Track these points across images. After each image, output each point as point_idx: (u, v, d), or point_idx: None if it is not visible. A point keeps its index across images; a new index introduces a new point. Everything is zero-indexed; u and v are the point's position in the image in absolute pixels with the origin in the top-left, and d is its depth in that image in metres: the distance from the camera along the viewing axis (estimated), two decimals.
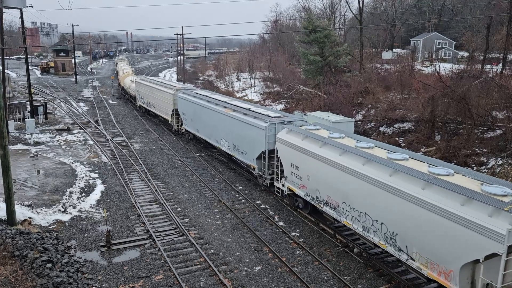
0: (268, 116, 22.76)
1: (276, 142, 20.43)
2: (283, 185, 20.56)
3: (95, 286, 14.05)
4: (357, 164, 15.22)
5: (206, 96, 30.43)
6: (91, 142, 34.05)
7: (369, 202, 14.71)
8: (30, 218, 18.22)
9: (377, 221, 14.52)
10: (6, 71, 37.84)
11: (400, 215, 13.33)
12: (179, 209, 20.82)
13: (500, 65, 41.85)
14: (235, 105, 26.36)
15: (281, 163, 20.36)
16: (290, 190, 19.95)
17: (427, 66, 53.48)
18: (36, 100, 46.99)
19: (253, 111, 24.36)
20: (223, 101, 27.90)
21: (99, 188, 23.44)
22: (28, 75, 40.05)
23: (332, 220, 18.05)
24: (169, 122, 36.92)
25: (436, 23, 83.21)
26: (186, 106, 32.38)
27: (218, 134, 27.35)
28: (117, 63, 79.66)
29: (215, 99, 29.00)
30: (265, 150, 21.76)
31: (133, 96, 50.48)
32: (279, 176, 20.89)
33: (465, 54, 64.54)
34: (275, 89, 56.59)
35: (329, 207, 17.13)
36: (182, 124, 34.33)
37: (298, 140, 18.70)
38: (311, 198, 18.34)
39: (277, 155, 20.71)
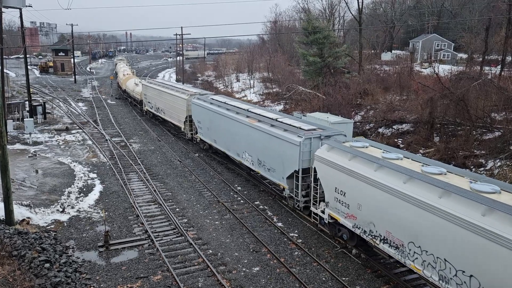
0: (301, 128, 19.83)
1: (314, 160, 17.44)
2: (322, 211, 17.56)
3: (93, 286, 14.04)
4: (431, 196, 12.18)
5: (225, 103, 27.27)
6: (90, 142, 34.02)
7: (451, 246, 11.56)
8: (28, 218, 18.20)
9: (463, 272, 11.32)
10: (5, 70, 37.80)
11: (502, 268, 10.23)
12: (177, 209, 20.81)
13: (499, 66, 41.93)
14: (259, 115, 23.40)
15: (320, 185, 17.45)
16: (332, 218, 16.94)
17: (426, 68, 53.57)
18: (35, 99, 46.93)
19: (281, 122, 21.52)
20: (244, 109, 24.89)
21: (98, 188, 23.42)
22: (27, 75, 40.00)
23: (388, 257, 15.13)
24: (182, 129, 34.12)
25: (435, 24, 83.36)
26: (202, 113, 29.35)
27: (239, 147, 24.44)
28: (116, 64, 78.87)
29: (235, 106, 26.01)
30: (298, 169, 18.82)
31: (137, 100, 47.66)
32: (317, 200, 18.00)
33: (464, 56, 64.68)
34: (274, 90, 56.62)
35: (388, 244, 14.06)
36: (196, 133, 31.39)
37: (344, 160, 15.79)
38: (362, 231, 15.24)
39: (315, 176, 17.85)
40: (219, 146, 27.51)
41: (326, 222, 17.41)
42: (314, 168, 17.64)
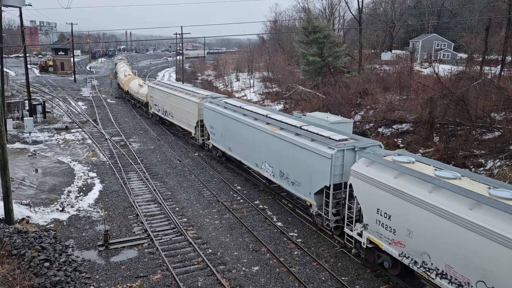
0: (331, 138, 17.84)
1: (351, 176, 15.47)
2: (359, 234, 15.52)
3: (93, 286, 14.04)
4: (508, 228, 10.33)
5: (240, 107, 25.43)
6: (89, 141, 34.01)
7: None
8: (28, 217, 18.20)
9: None
10: (5, 69, 37.78)
11: None
12: (177, 208, 20.81)
13: (499, 66, 41.94)
14: (281, 121, 21.41)
15: (357, 204, 15.53)
16: (372, 242, 14.98)
17: (426, 67, 53.57)
18: (34, 99, 46.90)
19: (307, 130, 19.50)
20: (263, 115, 22.95)
21: (97, 187, 23.42)
22: (27, 74, 39.97)
23: None
24: (192, 135, 32.11)
25: (435, 24, 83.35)
26: (215, 118, 27.25)
27: (258, 156, 22.44)
28: (116, 63, 78.35)
29: (253, 112, 24.00)
30: (329, 185, 16.81)
31: (142, 102, 45.67)
32: (353, 220, 16.06)
33: (464, 56, 64.69)
34: (274, 90, 56.62)
35: (447, 281, 11.97)
36: (208, 138, 29.32)
37: (389, 178, 13.76)
38: (411, 261, 13.19)
39: (350, 193, 15.98)
40: (234, 154, 25.37)
41: (364, 246, 15.33)
42: (350, 184, 15.64)
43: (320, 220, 18.05)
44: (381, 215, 14.15)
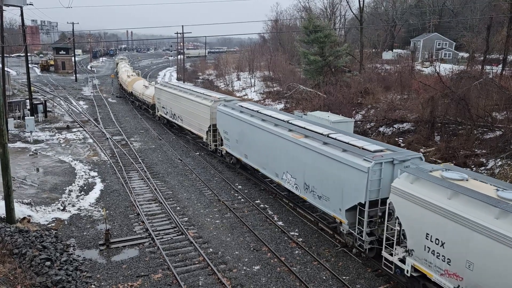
0: (365, 149, 16.10)
1: (391, 193, 13.56)
2: (401, 260, 13.64)
3: (94, 285, 14.06)
4: None
5: (258, 112, 23.64)
6: (90, 140, 34.04)
7: None
8: (29, 216, 18.23)
9: None
10: (6, 69, 37.83)
11: None
12: (178, 208, 20.83)
13: (500, 66, 41.87)
14: (305, 128, 19.62)
15: (398, 225, 13.59)
16: (417, 270, 13.09)
17: (427, 67, 53.51)
18: (36, 98, 46.96)
19: (335, 139, 17.66)
20: (284, 121, 21.22)
21: (99, 186, 23.45)
22: (28, 73, 40.02)
23: None
24: (204, 140, 30.25)
25: (436, 23, 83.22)
26: (230, 123, 25.44)
27: (278, 166, 20.64)
28: (117, 63, 77.64)
29: (272, 117, 22.27)
30: (364, 202, 14.97)
31: (148, 104, 43.86)
32: (393, 243, 13.98)
33: (465, 55, 64.59)
34: (275, 89, 56.61)
35: None
36: (222, 144, 27.47)
37: (441, 198, 11.94)
38: None
39: (389, 212, 14.29)
40: (251, 162, 23.60)
41: (407, 274, 13.36)
42: (391, 203, 13.77)
43: (351, 239, 16.31)
44: (431, 241, 12.24)
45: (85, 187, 23.21)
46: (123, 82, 55.27)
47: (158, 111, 40.16)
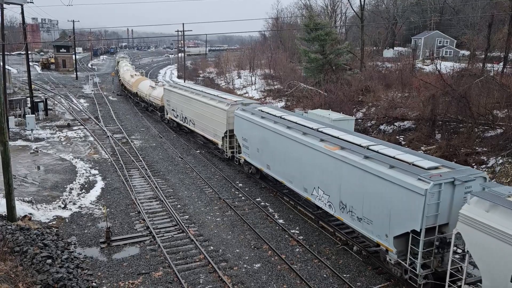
0: (416, 165, 13.93)
1: (459, 222, 11.62)
2: None
3: (95, 282, 14.09)
4: None
5: (281, 117, 21.47)
6: (91, 138, 34.06)
7: None
8: (30, 214, 18.25)
9: None
10: (6, 67, 37.82)
11: None
12: (179, 206, 20.85)
13: (501, 64, 41.79)
14: (339, 138, 17.38)
15: (469, 260, 11.65)
16: None
17: (428, 65, 53.43)
18: (36, 96, 46.94)
19: (378, 152, 15.48)
20: (314, 129, 18.97)
21: (99, 184, 23.47)
22: (28, 71, 40.02)
23: None
24: (219, 146, 27.89)
25: (437, 21, 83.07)
26: (249, 129, 23.29)
27: (308, 180, 18.44)
28: (118, 62, 77.09)
29: (298, 124, 20.04)
30: (420, 229, 12.81)
31: (156, 106, 41.74)
32: (462, 284, 12.01)
33: (466, 53, 64.47)
34: (276, 87, 56.57)
35: None
36: (240, 152, 25.37)
37: None
38: None
39: (456, 245, 12.66)
40: (275, 174, 21.44)
41: None
42: (459, 234, 11.68)
43: (400, 271, 14.25)
44: None
45: (86, 185, 23.23)
46: (126, 82, 53.33)
47: (167, 114, 37.98)
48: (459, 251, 13.28)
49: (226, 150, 27.14)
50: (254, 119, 22.71)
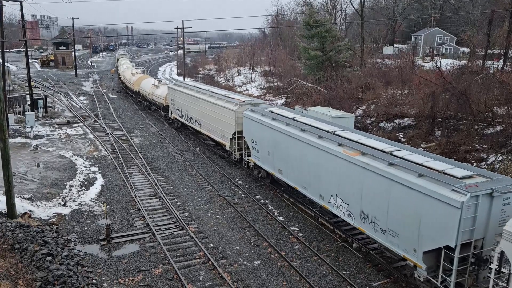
0: (447, 174, 12.74)
1: (502, 239, 10.90)
2: None
3: (95, 279, 14.12)
4: None
5: (294, 119, 20.29)
6: (91, 135, 34.05)
7: None
8: (30, 211, 18.27)
9: None
10: (6, 64, 37.76)
11: None
12: (179, 203, 20.86)
13: (501, 61, 41.74)
14: (358, 142, 16.20)
15: None
16: None
17: (428, 62, 53.37)
18: (36, 93, 46.92)
19: (402, 158, 14.30)
20: (330, 132, 17.71)
21: (99, 181, 23.48)
22: (28, 68, 39.96)
23: None
24: (227, 148, 26.85)
25: (437, 18, 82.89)
26: (259, 131, 22.12)
27: (324, 187, 17.22)
28: (118, 59, 76.40)
29: (312, 126, 18.89)
30: (455, 245, 11.67)
31: (159, 105, 40.66)
32: None
33: (467, 50, 64.36)
34: (276, 84, 56.52)
35: None
36: (249, 155, 24.08)
37: None
38: None
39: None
40: (287, 179, 20.30)
41: None
42: (501, 252, 10.86)
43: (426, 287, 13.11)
44: None
45: (85, 182, 23.24)
46: (128, 81, 51.85)
47: (171, 113, 36.76)
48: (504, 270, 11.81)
49: (234, 152, 25.95)
50: (264, 120, 21.56)
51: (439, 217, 12.02)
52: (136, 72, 52.21)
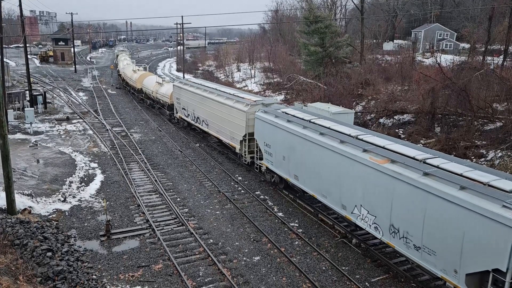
0: (492, 187, 11.50)
1: None
2: None
3: (95, 275, 14.15)
4: None
5: (310, 121, 18.93)
6: (90, 132, 34.02)
7: None
8: (30, 207, 18.28)
9: None
10: (5, 60, 37.66)
11: None
12: (178, 199, 20.89)
13: (501, 57, 41.67)
14: (385, 148, 14.86)
15: None
16: None
17: (428, 58, 53.28)
18: (35, 89, 46.82)
19: (438, 166, 12.97)
20: (352, 136, 16.42)
21: (99, 178, 23.49)
22: (27, 64, 39.85)
23: None
24: (236, 150, 25.48)
25: (437, 14, 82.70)
26: (273, 134, 20.71)
27: (347, 196, 15.88)
28: (117, 55, 75.76)
29: (332, 130, 17.52)
30: (506, 269, 10.44)
31: (164, 104, 39.01)
32: None
33: (467, 46, 64.27)
34: (275, 80, 56.45)
35: None
36: (261, 158, 22.75)
37: None
38: None
39: None
40: (305, 186, 18.90)
41: None
42: None
43: None
44: None
45: (85, 179, 23.25)
46: (129, 78, 50.41)
47: (177, 112, 35.44)
48: None
49: (245, 155, 24.61)
50: (278, 122, 20.08)
51: (487, 236, 10.70)
52: (138, 69, 50.70)
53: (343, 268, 14.93)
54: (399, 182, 13.17)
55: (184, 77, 66.85)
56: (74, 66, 78.13)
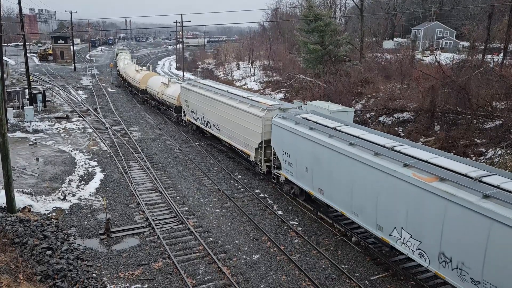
0: None
1: None
2: None
3: (95, 273, 14.17)
4: None
5: (336, 129, 17.13)
6: (90, 130, 34.01)
7: None
8: (29, 205, 18.29)
9: None
10: (4, 58, 37.61)
11: None
12: (178, 197, 20.90)
13: (501, 55, 41.66)
14: (429, 162, 13.04)
15: None
16: None
17: (428, 56, 53.26)
18: (34, 87, 46.79)
19: (498, 186, 11.21)
20: (388, 148, 14.50)
21: (99, 176, 23.48)
22: (26, 63, 39.80)
23: None
24: (251, 158, 23.53)
25: (437, 12, 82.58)
26: (293, 142, 18.92)
27: (385, 217, 14.04)
28: (117, 54, 74.65)
29: (363, 139, 15.62)
30: None
31: (171, 106, 37.13)
32: None
33: (466, 44, 64.21)
34: (275, 78, 56.42)
35: None
36: (279, 168, 20.99)
37: None
38: None
39: None
40: (331, 201, 17.03)
41: None
42: None
43: None
44: None
45: (85, 177, 23.25)
46: (131, 78, 48.48)
47: (185, 115, 33.68)
48: None
49: (260, 163, 22.78)
50: (299, 130, 18.26)
51: None
52: (141, 69, 48.97)
53: (343, 266, 14.95)
54: (453, 204, 11.35)
55: (183, 75, 66.80)
56: (73, 65, 78.02)
